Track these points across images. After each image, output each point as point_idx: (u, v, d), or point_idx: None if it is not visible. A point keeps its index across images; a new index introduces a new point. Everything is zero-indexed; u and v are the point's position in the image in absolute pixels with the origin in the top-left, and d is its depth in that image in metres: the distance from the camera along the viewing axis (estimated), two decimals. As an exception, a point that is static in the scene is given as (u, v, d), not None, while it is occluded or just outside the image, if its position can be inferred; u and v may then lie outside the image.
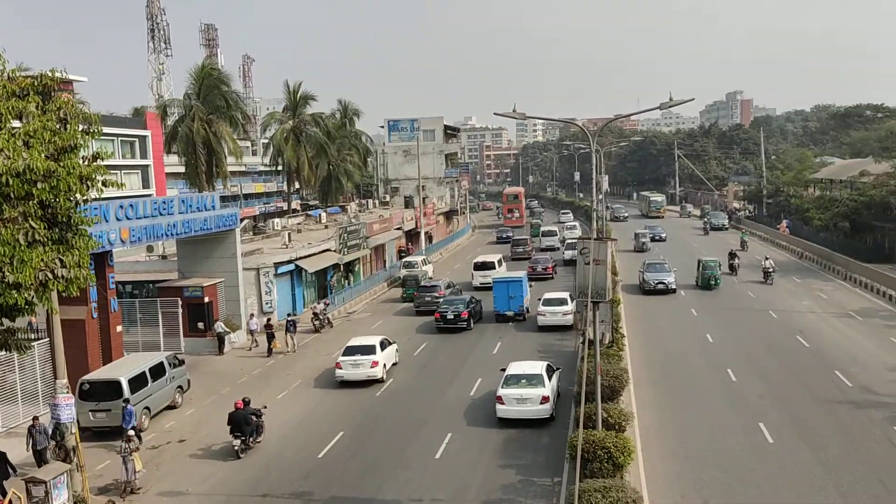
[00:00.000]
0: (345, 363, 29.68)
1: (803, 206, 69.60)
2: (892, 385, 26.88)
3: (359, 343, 30.70)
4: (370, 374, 29.52)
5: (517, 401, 23.91)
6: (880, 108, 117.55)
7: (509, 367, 25.70)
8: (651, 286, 45.97)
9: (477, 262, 51.94)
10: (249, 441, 22.90)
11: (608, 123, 49.27)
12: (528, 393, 23.90)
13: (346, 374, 29.60)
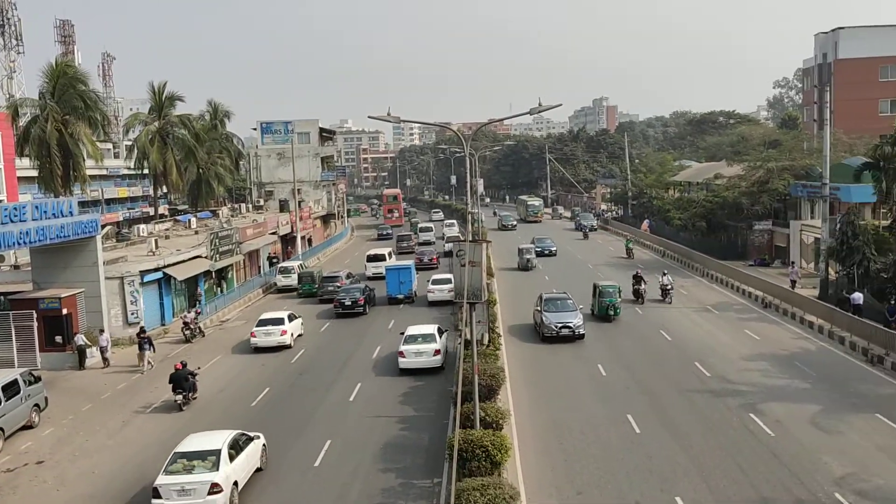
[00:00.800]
0: (258, 332, 35.53)
1: (664, 207, 73.57)
2: (745, 374, 28.81)
3: (270, 316, 36.98)
4: (280, 341, 35.28)
5: (415, 354, 30.03)
6: (732, 115, 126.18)
7: (407, 330, 31.68)
8: (554, 331, 33.78)
9: (369, 254, 57.53)
10: (189, 396, 27.14)
11: (481, 127, 50.31)
12: (423, 348, 30.08)
13: (259, 342, 35.28)
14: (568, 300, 36.02)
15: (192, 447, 19.31)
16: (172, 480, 18.28)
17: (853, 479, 19.37)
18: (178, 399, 26.76)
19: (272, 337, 35.32)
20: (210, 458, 18.74)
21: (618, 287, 39.23)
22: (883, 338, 30.78)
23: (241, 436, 20.43)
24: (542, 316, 34.91)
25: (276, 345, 35.22)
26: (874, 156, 39.08)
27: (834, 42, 73.30)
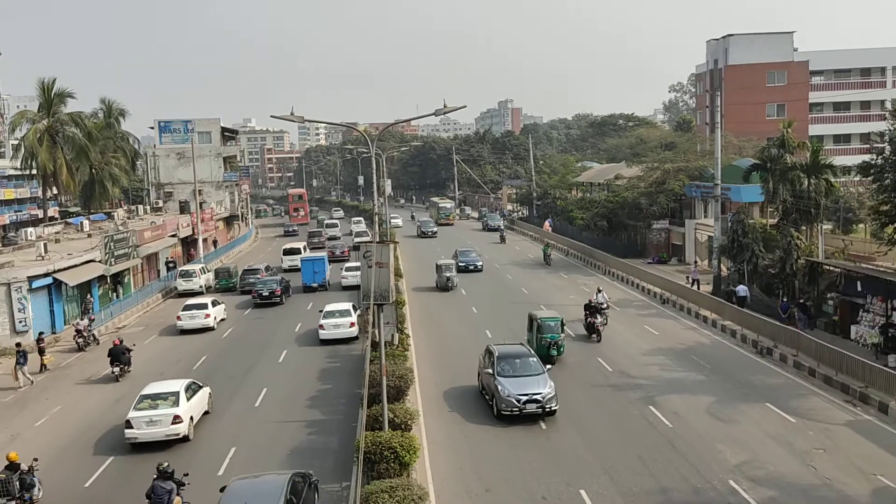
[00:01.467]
0: (184, 316, 39.43)
1: (567, 208, 75.39)
2: (645, 368, 29.80)
3: (194, 302, 40.86)
4: (204, 324, 39.18)
5: (333, 326, 35.03)
6: (631, 118, 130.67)
7: (325, 307, 36.94)
8: (516, 407, 23.90)
9: (286, 248, 61.92)
10: (125, 369, 30.65)
11: (387, 128, 50.21)
12: (340, 321, 35.21)
13: (184, 324, 39.18)
14: (530, 358, 25.79)
15: (155, 390, 23.92)
16: (141, 414, 22.76)
17: (746, 466, 20.32)
18: (115, 371, 30.44)
19: (197, 320, 39.20)
20: (171, 397, 23.42)
21: (560, 319, 30.83)
22: (771, 330, 32.45)
23: (192, 383, 25.29)
24: (497, 384, 24.44)
25: (201, 327, 39.14)
26: (762, 157, 41.17)
27: (724, 48, 76.88)
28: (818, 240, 39.55)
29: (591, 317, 34.56)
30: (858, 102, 78.23)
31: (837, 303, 33.14)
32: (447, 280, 47.65)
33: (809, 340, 29.79)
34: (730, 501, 18.36)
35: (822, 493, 18.68)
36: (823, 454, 20.91)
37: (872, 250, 39.65)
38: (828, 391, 26.32)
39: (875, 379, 25.23)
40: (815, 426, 23.04)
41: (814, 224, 39.66)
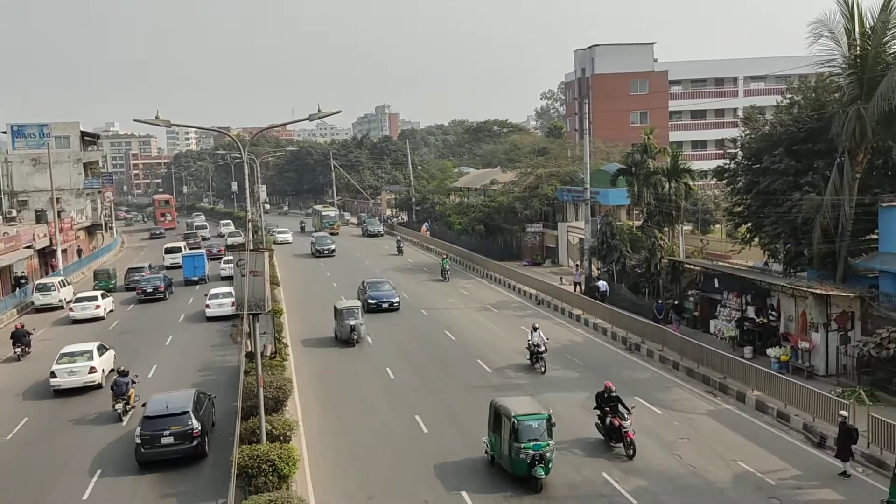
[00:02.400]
0: (76, 307, 43.20)
1: (446, 212, 76.24)
2: (523, 367, 30.50)
3: (85, 294, 44.91)
4: (94, 314, 43.01)
5: (218, 306, 41.35)
6: (505, 124, 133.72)
7: (210, 290, 44.16)
8: None
9: (167, 247, 67.14)
10: (26, 350, 34.64)
11: (260, 133, 48.88)
12: (223, 301, 41.22)
13: (76, 314, 42.76)
14: None
15: (73, 349, 29.88)
16: (63, 367, 28.78)
17: (618, 458, 21.19)
18: (17, 352, 34.42)
19: (88, 311, 42.98)
20: (87, 353, 29.43)
21: (547, 416, 19.90)
22: (639, 327, 34.06)
23: (101, 345, 30.79)
24: None
25: (92, 317, 42.83)
26: (627, 163, 43.17)
27: (591, 58, 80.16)
28: (679, 240, 41.90)
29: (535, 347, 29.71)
30: (713, 110, 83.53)
31: (697, 299, 35.18)
32: (350, 330, 34.46)
33: (673, 336, 31.50)
34: (603, 493, 19.09)
35: (687, 480, 19.75)
36: (688, 443, 22.13)
37: (727, 249, 42.39)
38: (691, 383, 27.90)
39: (733, 370, 26.97)
40: (680, 417, 24.35)
41: (675, 225, 41.97)
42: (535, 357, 29.85)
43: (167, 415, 21.54)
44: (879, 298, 26.84)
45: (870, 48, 27.41)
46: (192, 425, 21.43)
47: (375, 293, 43.11)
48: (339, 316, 35.79)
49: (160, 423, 21.35)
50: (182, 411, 21.69)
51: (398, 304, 42.81)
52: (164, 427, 21.25)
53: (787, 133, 30.91)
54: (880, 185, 29.49)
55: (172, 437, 21.18)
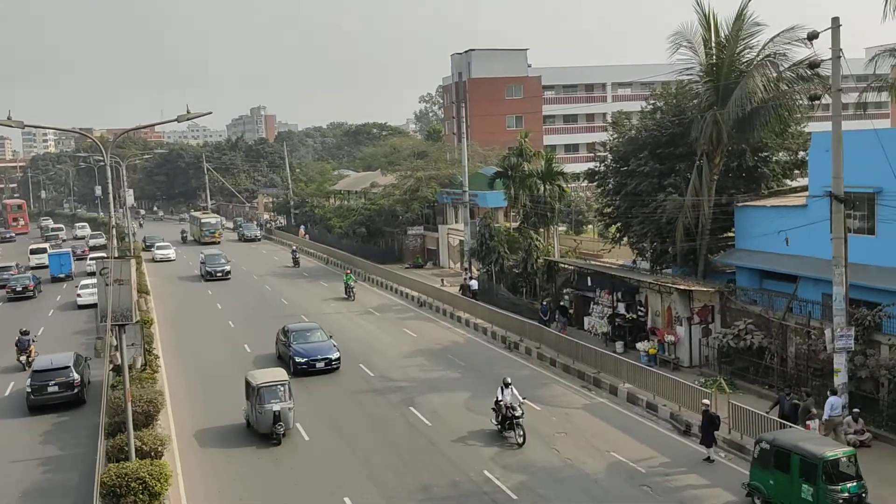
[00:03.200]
0: None
1: (326, 216, 75.31)
2: (405, 370, 30.55)
3: None
4: None
5: (89, 294, 42.54)
6: (384, 127, 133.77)
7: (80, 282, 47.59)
8: None
9: (32, 248, 67.90)
10: None
11: (124, 134, 46.72)
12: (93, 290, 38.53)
13: None
14: None
15: None
16: None
17: (499, 455, 21.57)
18: None
19: None
20: None
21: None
22: (517, 326, 34.85)
23: None
24: None
25: None
26: (503, 165, 44.08)
27: (467, 62, 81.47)
28: (554, 240, 43.16)
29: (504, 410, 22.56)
30: (584, 115, 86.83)
31: (572, 297, 36.37)
32: (274, 420, 22.81)
33: (550, 333, 32.43)
34: (485, 490, 19.37)
35: (565, 473, 20.35)
36: (565, 437, 22.81)
37: (599, 248, 44.09)
38: (567, 378, 28.80)
39: (606, 365, 28.05)
40: (558, 412, 25.08)
41: (550, 226, 43.25)
42: (507, 422, 22.47)
43: (52, 369, 26.73)
44: (737, 292, 28.65)
45: (724, 57, 29.24)
46: (73, 377, 26.77)
47: (301, 346, 30.80)
48: (254, 396, 23.34)
49: (46, 376, 26.47)
50: (64, 366, 27.09)
51: (338, 361, 30.40)
52: (50, 379, 26.37)
53: (651, 137, 32.49)
54: (736, 185, 31.52)
55: (57, 387, 26.39)
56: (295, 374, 28.77)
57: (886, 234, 23.43)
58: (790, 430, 19.38)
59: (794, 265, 26.55)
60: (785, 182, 32.67)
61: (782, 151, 32.38)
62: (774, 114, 27.52)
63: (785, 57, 27.84)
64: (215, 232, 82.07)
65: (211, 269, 56.10)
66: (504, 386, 22.72)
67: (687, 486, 19.31)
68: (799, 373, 24.06)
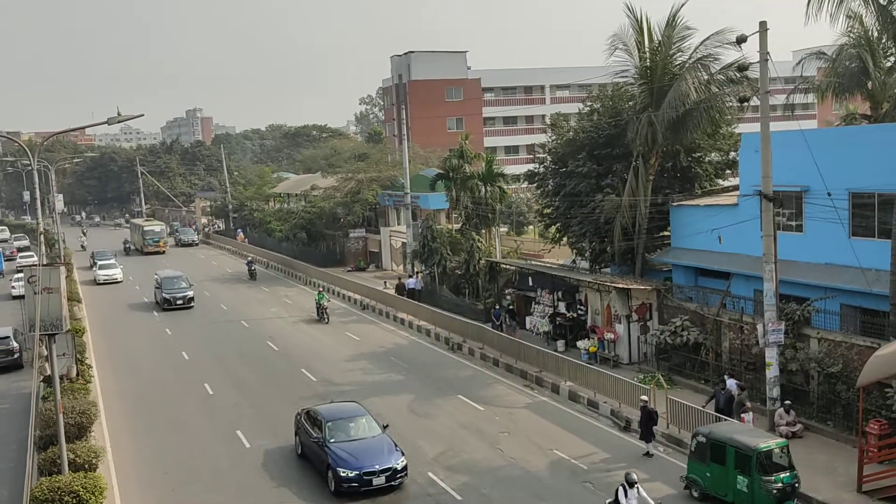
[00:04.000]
0: None
1: (266, 219, 74.26)
2: (348, 374, 30.34)
3: None
4: None
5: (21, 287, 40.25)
6: (325, 129, 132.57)
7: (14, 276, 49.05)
8: None
9: None
10: None
11: (53, 137, 45.15)
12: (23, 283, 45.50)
13: None
14: None
15: None
16: None
17: (443, 457, 21.59)
18: None
19: None
20: None
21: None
22: (460, 327, 34.96)
23: None
24: None
25: None
26: (445, 167, 44.21)
27: (407, 64, 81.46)
28: (495, 241, 43.45)
29: None
30: (524, 117, 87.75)
31: (514, 297, 36.66)
32: None
33: (493, 334, 32.63)
34: (429, 492, 19.36)
35: (508, 472, 20.48)
36: (508, 436, 22.97)
37: (540, 248, 44.56)
38: (510, 378, 29.00)
39: (547, 363, 28.37)
40: (501, 412, 25.24)
41: (491, 227, 43.51)
42: None
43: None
44: (673, 290, 29.31)
45: (658, 60, 29.90)
46: (12, 345, 32.29)
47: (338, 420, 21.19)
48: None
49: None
50: (4, 336, 32.78)
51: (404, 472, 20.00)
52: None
53: (588, 138, 32.98)
54: (671, 185, 32.24)
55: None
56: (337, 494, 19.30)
57: (814, 232, 24.29)
58: (725, 423, 19.92)
59: (727, 262, 27.30)
60: (717, 182, 33.55)
61: (714, 152, 33.23)
62: (706, 115, 28.25)
63: (716, 60, 28.59)
64: (160, 240, 75.72)
65: (169, 295, 45.79)
66: (627, 485, 16.37)
67: (628, 481, 19.63)
68: (733, 367, 24.74)
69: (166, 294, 45.64)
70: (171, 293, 45.73)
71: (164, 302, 45.44)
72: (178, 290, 46.00)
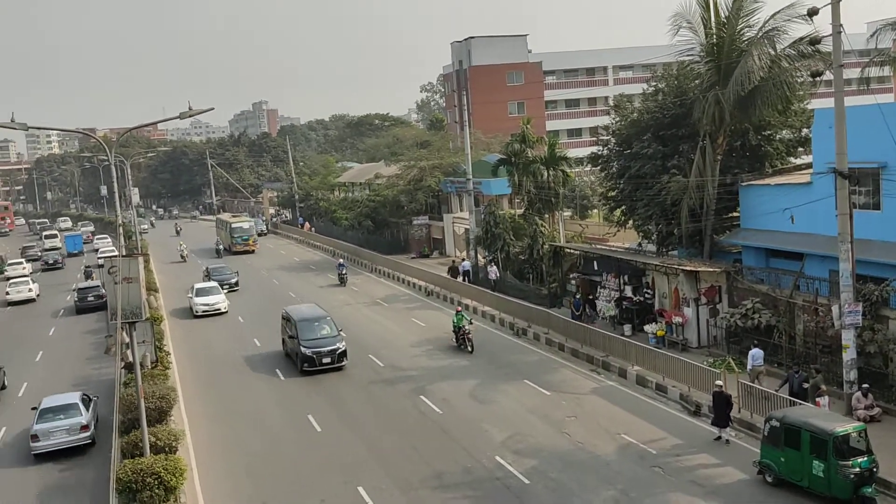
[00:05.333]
0: (11, 290, 50.96)
1: (331, 208, 75.39)
2: (414, 359, 30.69)
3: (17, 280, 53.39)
4: (27, 296, 51.24)
5: None
6: (386, 118, 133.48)
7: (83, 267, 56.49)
8: None
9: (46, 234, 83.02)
10: None
11: (127, 133, 46.75)
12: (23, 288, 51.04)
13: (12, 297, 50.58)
14: None
15: None
16: None
17: (510, 441, 21.69)
18: None
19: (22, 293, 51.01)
20: None
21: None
22: (525, 312, 34.91)
23: None
24: None
25: (25, 298, 50.90)
26: (506, 152, 44.01)
27: (467, 50, 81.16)
28: (559, 226, 43.12)
29: None
30: (586, 99, 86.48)
31: (579, 282, 36.37)
32: None
33: (558, 318, 32.48)
34: (497, 476, 19.50)
35: (576, 456, 20.45)
36: (576, 421, 22.91)
37: (605, 232, 44.02)
38: (576, 363, 28.87)
39: (614, 348, 28.10)
40: (567, 396, 25.17)
41: (555, 212, 43.19)
42: None
43: None
44: (743, 272, 28.64)
45: (725, 36, 29.09)
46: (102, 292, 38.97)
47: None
48: None
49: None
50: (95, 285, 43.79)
51: None
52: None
53: (653, 119, 32.38)
54: (740, 165, 31.43)
55: None
56: None
57: (892, 209, 23.38)
58: (800, 407, 19.43)
59: (800, 243, 26.50)
60: (789, 160, 32.55)
61: (786, 129, 32.23)
62: (776, 91, 27.39)
63: (785, 34, 27.66)
64: (249, 238, 68.76)
65: (312, 350, 29.32)
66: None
67: (698, 466, 19.40)
68: (808, 350, 24.07)
69: (306, 347, 29.45)
70: (314, 346, 29.51)
71: (305, 361, 29.31)
72: (323, 341, 29.83)
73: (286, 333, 31.92)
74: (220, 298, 42.57)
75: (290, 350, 31.46)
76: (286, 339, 31.97)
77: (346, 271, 50.31)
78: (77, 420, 22.83)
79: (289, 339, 31.42)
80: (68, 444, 22.39)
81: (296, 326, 30.33)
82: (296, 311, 32.26)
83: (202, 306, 41.82)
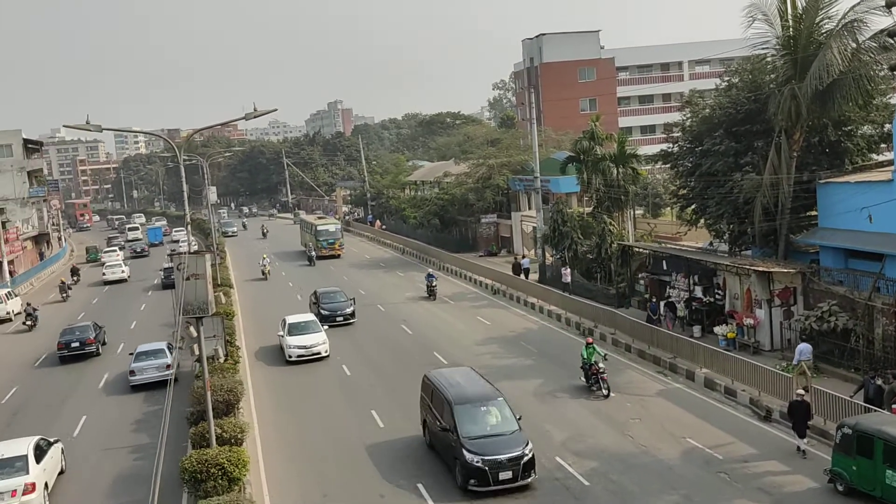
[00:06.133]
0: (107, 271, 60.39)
1: (401, 207, 76.12)
2: (479, 357, 30.62)
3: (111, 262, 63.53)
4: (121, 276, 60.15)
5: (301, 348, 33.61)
6: (458, 116, 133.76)
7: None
8: None
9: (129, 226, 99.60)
10: None
11: (195, 133, 48.02)
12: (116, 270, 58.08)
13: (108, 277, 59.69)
14: None
15: None
16: None
17: (571, 442, 21.47)
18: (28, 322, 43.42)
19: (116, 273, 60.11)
20: None
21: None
22: (591, 312, 34.48)
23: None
24: None
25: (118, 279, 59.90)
26: (576, 150, 43.54)
27: (539, 47, 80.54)
28: (628, 224, 42.38)
29: None
30: (660, 95, 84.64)
31: (647, 281, 35.69)
32: None
33: (624, 319, 31.95)
34: (556, 476, 19.32)
35: (639, 459, 20.08)
36: (640, 423, 22.50)
37: (676, 231, 43.04)
38: (642, 364, 28.34)
39: (682, 349, 27.46)
40: (632, 398, 24.73)
41: (624, 210, 42.47)
42: None
43: None
44: (820, 273, 27.55)
45: (802, 28, 28.02)
46: None
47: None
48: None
49: None
50: None
51: None
52: None
53: (725, 115, 31.47)
54: (817, 162, 30.23)
55: None
56: None
57: (982, 208, 22.09)
58: (874, 414, 18.57)
59: (881, 243, 25.31)
60: (870, 156, 31.10)
61: (867, 125, 30.82)
62: (856, 85, 26.26)
63: (866, 26, 26.46)
64: (335, 242, 63.80)
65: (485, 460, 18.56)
66: None
67: (766, 473, 18.79)
68: (886, 355, 22.99)
69: (472, 452, 18.70)
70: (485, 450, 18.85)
71: (472, 477, 18.60)
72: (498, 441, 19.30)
73: (430, 413, 21.20)
74: (320, 338, 32.30)
75: (439, 446, 20.61)
76: (429, 420, 21.22)
77: (436, 283, 44.07)
78: (164, 360, 29.49)
79: (441, 432, 19.98)
80: (156, 378, 28.80)
81: (452, 411, 19.51)
82: (447, 381, 21.27)
83: (296, 349, 31.83)
